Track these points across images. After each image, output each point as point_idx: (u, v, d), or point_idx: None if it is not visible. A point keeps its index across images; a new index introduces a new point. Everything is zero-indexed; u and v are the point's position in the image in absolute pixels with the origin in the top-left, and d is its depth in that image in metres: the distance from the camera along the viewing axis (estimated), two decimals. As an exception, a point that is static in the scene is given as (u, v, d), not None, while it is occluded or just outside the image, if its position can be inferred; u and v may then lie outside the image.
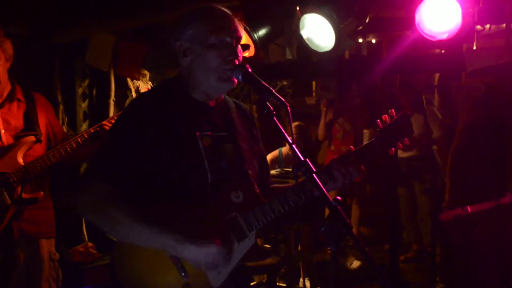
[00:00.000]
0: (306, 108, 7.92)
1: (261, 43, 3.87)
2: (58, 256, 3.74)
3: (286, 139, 2.01)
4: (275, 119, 2.04)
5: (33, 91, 3.72)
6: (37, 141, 3.53)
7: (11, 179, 3.41)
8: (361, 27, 3.72)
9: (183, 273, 2.18)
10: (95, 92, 5.28)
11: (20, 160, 3.45)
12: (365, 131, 6.76)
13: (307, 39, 3.70)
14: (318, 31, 3.64)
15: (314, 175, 1.91)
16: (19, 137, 3.51)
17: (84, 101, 5.21)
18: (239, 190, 2.26)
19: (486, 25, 3.70)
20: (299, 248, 5.55)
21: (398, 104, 5.94)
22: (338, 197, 1.82)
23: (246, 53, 3.71)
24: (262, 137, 2.59)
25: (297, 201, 2.24)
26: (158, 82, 4.93)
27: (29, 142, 3.50)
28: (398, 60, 4.16)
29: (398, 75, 6.04)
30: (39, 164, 3.46)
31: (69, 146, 3.52)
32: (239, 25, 2.30)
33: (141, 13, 4.42)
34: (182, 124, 2.26)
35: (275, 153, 6.17)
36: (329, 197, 1.84)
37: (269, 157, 5.72)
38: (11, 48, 3.52)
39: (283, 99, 2.06)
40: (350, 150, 2.32)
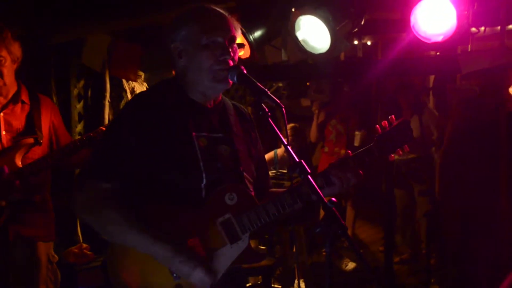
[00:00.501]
0: (301, 110, 7.93)
1: (256, 45, 3.87)
2: (57, 258, 3.73)
3: (281, 141, 2.01)
4: (270, 120, 2.04)
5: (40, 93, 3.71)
6: (36, 143, 3.51)
7: (8, 180, 3.39)
8: (356, 29, 3.72)
9: (175, 274, 2.18)
10: (90, 93, 5.26)
11: (18, 162, 3.43)
12: (357, 132, 6.77)
13: (303, 40, 3.70)
14: (313, 33, 3.65)
15: (309, 176, 1.91)
16: (18, 139, 3.50)
17: (79, 102, 5.19)
18: (233, 192, 2.26)
19: (481, 28, 3.71)
20: (294, 249, 5.55)
21: (397, 106, 5.93)
22: (333, 198, 1.82)
23: (241, 52, 3.71)
24: (258, 139, 2.59)
25: (292, 204, 2.24)
26: (153, 83, 4.92)
27: (27, 145, 3.48)
28: (393, 62, 4.17)
29: (395, 77, 6.05)
30: (36, 166, 3.45)
31: (68, 149, 3.51)
32: (234, 25, 2.30)
33: (137, 13, 4.41)
34: (178, 124, 2.26)
35: (270, 154, 6.16)
36: (324, 198, 1.84)
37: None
38: (19, 50, 3.51)
39: (278, 101, 2.06)
40: (347, 155, 2.32)
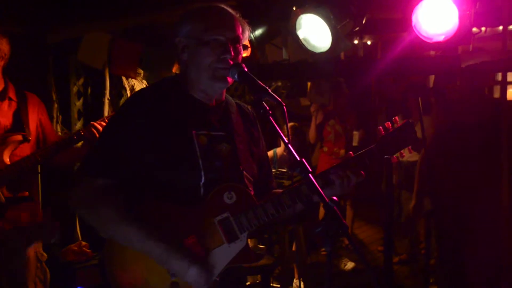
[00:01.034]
0: (300, 109, 7.92)
1: (257, 43, 3.86)
2: (46, 257, 3.70)
3: (282, 139, 1.99)
4: (271, 119, 2.03)
5: (27, 90, 3.68)
6: (25, 140, 3.49)
7: None
8: (357, 28, 3.71)
9: (171, 272, 2.17)
10: (90, 91, 5.26)
11: (6, 159, 3.41)
12: (355, 132, 6.78)
13: (304, 39, 3.69)
14: (314, 32, 3.63)
15: (310, 175, 1.90)
16: (6, 136, 3.47)
17: (79, 99, 5.19)
18: (232, 191, 2.24)
19: (482, 28, 3.70)
20: (293, 248, 5.55)
21: (406, 107, 5.91)
22: (335, 197, 1.81)
23: (244, 54, 3.70)
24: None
25: (291, 205, 2.23)
26: (153, 81, 4.91)
27: (16, 142, 3.46)
28: (394, 62, 4.16)
29: (400, 77, 6.04)
30: (25, 163, 3.43)
31: (56, 146, 3.49)
32: (241, 26, 2.29)
33: (136, 12, 4.40)
34: (178, 122, 2.24)
35: (269, 153, 6.14)
36: (326, 197, 1.83)
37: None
38: (7, 46, 3.48)
39: (279, 99, 2.04)
40: (349, 156, 2.30)
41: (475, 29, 3.58)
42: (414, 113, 5.88)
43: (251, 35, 3.78)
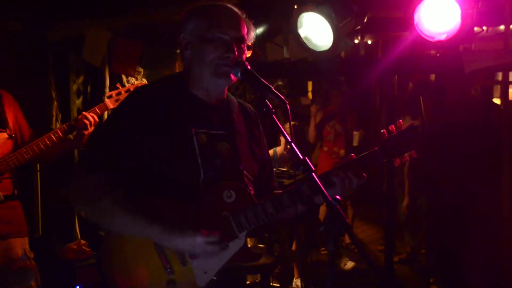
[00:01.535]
0: (301, 109, 7.92)
1: (258, 42, 3.85)
2: (32, 254, 3.69)
3: (285, 137, 1.98)
4: (274, 117, 2.02)
5: (26, 89, 3.67)
6: (10, 138, 3.48)
7: None
8: (359, 26, 3.70)
9: (168, 269, 2.16)
10: (89, 89, 5.26)
11: None
12: (355, 132, 6.75)
13: (305, 38, 3.68)
14: (316, 30, 3.62)
15: (313, 174, 1.88)
16: None
17: (79, 98, 5.18)
18: (231, 190, 2.23)
19: (484, 27, 3.68)
20: (293, 248, 5.54)
21: (413, 107, 5.87)
22: (338, 196, 1.79)
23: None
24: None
25: (291, 205, 2.21)
26: (153, 79, 4.90)
27: (2, 139, 3.45)
28: (395, 61, 4.14)
29: (409, 75, 6.00)
30: (12, 161, 3.41)
31: (43, 143, 3.47)
32: (247, 27, 2.28)
33: (137, 10, 4.39)
34: (178, 119, 2.23)
35: (269, 152, 6.13)
36: (329, 196, 1.81)
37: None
38: None
39: (282, 97, 2.03)
40: (351, 158, 2.28)
41: (477, 28, 3.57)
42: (423, 112, 5.82)
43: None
